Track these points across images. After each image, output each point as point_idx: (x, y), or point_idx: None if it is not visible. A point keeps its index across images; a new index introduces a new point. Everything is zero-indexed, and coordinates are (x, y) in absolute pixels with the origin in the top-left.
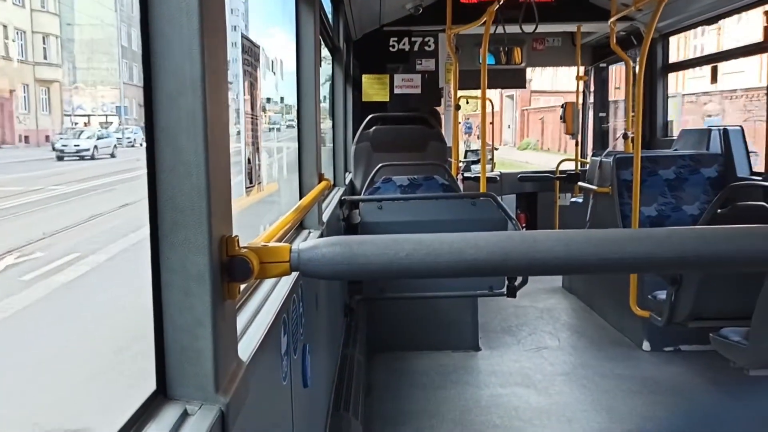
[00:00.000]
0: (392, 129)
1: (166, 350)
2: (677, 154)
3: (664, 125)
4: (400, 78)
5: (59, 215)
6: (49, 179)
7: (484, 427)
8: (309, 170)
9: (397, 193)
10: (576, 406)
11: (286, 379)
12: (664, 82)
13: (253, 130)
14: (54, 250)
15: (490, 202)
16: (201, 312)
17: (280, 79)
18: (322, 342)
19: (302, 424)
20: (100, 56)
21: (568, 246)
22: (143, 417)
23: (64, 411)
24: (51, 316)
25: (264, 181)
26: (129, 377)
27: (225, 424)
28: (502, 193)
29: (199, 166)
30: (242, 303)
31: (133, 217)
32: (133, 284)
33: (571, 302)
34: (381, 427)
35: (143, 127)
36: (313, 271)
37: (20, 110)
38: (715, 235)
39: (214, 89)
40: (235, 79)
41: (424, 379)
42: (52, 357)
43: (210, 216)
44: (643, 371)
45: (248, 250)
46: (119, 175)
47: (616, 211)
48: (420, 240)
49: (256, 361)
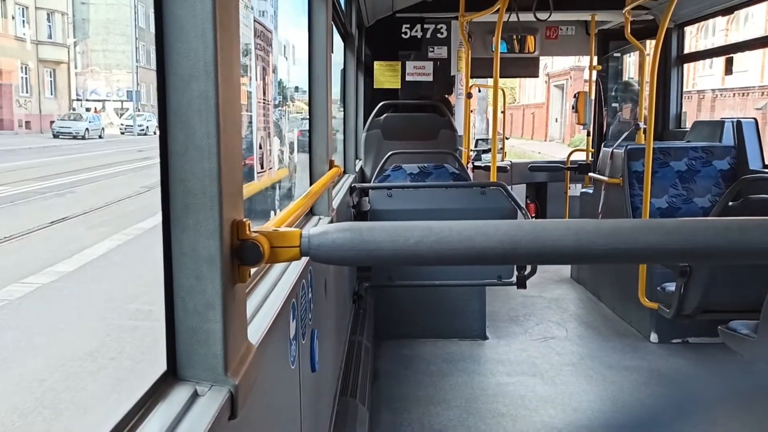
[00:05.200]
0: (403, 117)
1: (177, 332)
2: (689, 145)
3: (677, 116)
4: (412, 65)
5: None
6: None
7: (490, 415)
8: (320, 156)
9: (407, 181)
10: (582, 396)
11: (295, 363)
12: (678, 72)
13: (264, 115)
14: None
15: (500, 191)
16: (212, 295)
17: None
18: (330, 328)
19: (310, 408)
20: (116, 38)
21: (578, 235)
22: (154, 397)
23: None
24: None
25: (275, 167)
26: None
27: (234, 405)
28: (512, 182)
29: (211, 150)
30: (252, 287)
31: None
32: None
33: (579, 293)
34: (387, 412)
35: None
36: (323, 257)
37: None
38: (727, 227)
39: (227, 73)
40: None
41: (431, 366)
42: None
43: (221, 200)
44: (650, 363)
45: (259, 235)
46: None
47: (627, 202)
48: (429, 227)
49: (265, 345)
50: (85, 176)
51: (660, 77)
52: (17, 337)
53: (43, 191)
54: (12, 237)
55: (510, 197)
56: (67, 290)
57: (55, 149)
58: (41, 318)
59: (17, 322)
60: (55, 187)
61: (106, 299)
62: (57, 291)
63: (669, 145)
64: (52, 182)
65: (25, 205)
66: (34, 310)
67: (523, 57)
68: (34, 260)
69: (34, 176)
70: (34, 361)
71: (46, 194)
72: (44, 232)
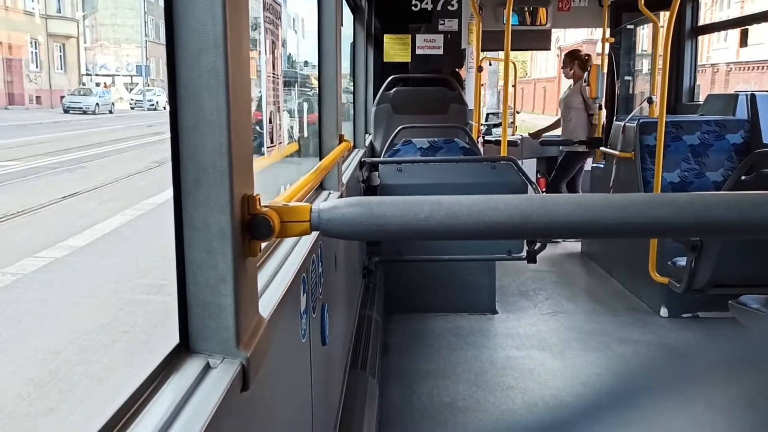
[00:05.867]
0: (413, 90)
1: (189, 305)
2: (702, 119)
3: (690, 90)
4: (422, 38)
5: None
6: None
7: (498, 388)
8: (329, 131)
9: (417, 155)
10: (590, 370)
11: (305, 337)
12: (692, 45)
13: (274, 90)
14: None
15: (511, 166)
16: (223, 269)
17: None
18: (341, 302)
19: (320, 380)
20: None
21: (589, 209)
22: (167, 369)
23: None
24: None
25: (285, 142)
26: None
27: (246, 377)
28: (522, 157)
29: (221, 124)
30: (263, 261)
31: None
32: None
33: (589, 268)
34: (397, 385)
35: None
36: (333, 231)
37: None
38: (739, 201)
39: (236, 47)
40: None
41: (441, 340)
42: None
43: (232, 174)
44: (660, 337)
45: (269, 209)
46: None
47: (638, 176)
48: (439, 202)
49: (276, 318)
50: (95, 151)
51: (674, 50)
52: (32, 309)
53: (54, 166)
54: (24, 212)
55: (520, 172)
56: (79, 264)
57: (65, 124)
58: (54, 292)
59: (31, 296)
60: (65, 162)
61: (118, 274)
62: (69, 265)
63: (682, 118)
64: (63, 157)
65: (36, 181)
66: (47, 283)
67: (535, 29)
68: (46, 235)
69: (45, 151)
70: (48, 334)
71: (57, 169)
72: (55, 207)
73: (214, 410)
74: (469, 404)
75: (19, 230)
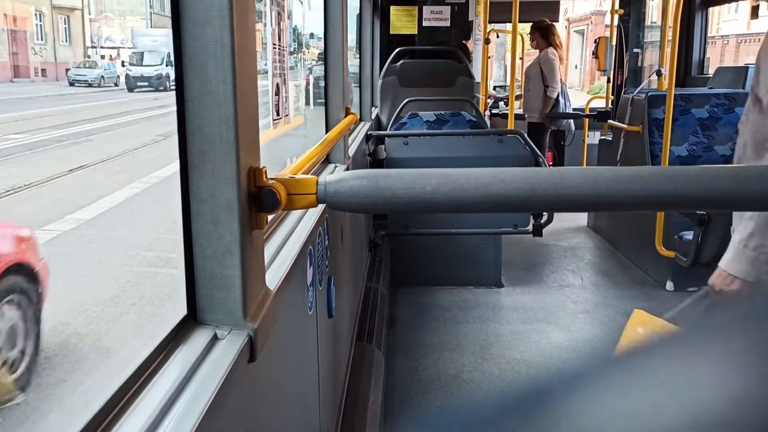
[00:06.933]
0: (420, 63)
1: (196, 277)
2: (711, 92)
3: (700, 62)
4: (429, 10)
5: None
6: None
7: (504, 361)
8: (335, 104)
9: (424, 128)
10: (596, 342)
11: (312, 309)
12: (702, 16)
13: (280, 61)
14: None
15: (518, 139)
16: (230, 241)
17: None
18: (347, 275)
19: (327, 352)
20: None
21: (596, 182)
22: (175, 340)
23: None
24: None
25: (291, 114)
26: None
27: (253, 349)
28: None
29: (227, 96)
30: (270, 234)
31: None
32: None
33: (595, 241)
34: (403, 357)
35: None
36: (340, 204)
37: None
38: (747, 175)
39: (242, 17)
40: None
41: (447, 313)
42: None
43: (238, 146)
44: (665, 310)
45: (276, 182)
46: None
47: (646, 150)
48: (446, 174)
49: (282, 290)
50: (102, 124)
51: (683, 21)
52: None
53: (60, 139)
54: (31, 185)
55: (527, 145)
56: (87, 237)
57: (71, 97)
58: (63, 264)
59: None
60: (71, 135)
61: (126, 246)
62: (77, 238)
63: (691, 91)
64: (69, 130)
65: (43, 154)
66: (55, 255)
67: (543, 1)
68: (54, 207)
69: (51, 124)
70: (57, 305)
71: (63, 142)
72: (62, 180)
73: (221, 381)
74: (475, 376)
75: (27, 203)
